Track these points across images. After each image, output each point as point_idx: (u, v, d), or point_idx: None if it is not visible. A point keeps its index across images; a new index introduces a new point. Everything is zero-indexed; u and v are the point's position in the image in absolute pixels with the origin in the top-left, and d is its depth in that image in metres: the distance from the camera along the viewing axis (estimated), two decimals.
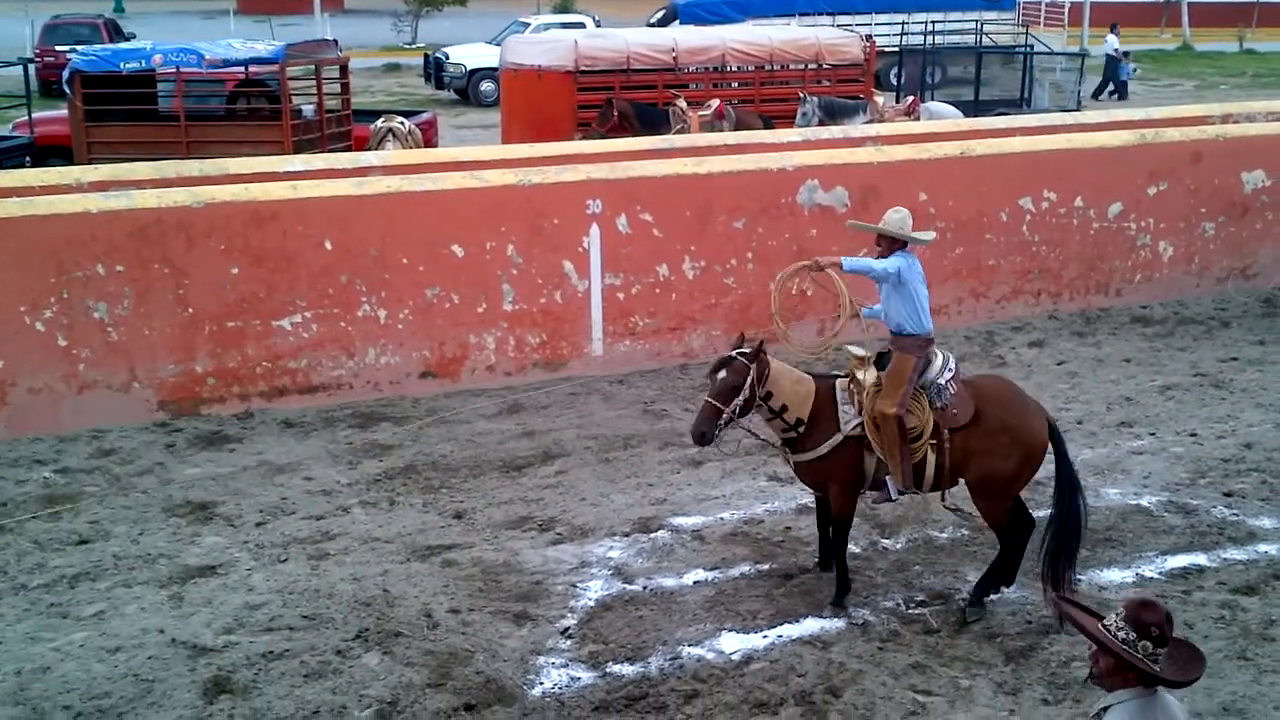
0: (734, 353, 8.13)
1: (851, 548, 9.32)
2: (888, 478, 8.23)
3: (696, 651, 8.01)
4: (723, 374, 8.07)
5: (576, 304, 12.95)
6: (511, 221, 12.71)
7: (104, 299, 11.45)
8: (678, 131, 19.20)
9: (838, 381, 8.35)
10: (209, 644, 8.10)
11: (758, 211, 13.61)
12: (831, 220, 13.80)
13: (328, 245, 12.10)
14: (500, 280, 12.68)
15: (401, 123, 18.74)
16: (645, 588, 8.61)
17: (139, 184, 12.73)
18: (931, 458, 8.20)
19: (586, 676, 7.72)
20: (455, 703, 7.48)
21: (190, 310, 11.72)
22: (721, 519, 9.83)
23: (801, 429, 8.21)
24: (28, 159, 18.72)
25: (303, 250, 12.04)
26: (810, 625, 8.31)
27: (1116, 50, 35.45)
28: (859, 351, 8.40)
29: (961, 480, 8.36)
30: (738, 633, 8.21)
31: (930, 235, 9.00)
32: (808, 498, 10.14)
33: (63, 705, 7.48)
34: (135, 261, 11.53)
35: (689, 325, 13.41)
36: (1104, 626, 4.87)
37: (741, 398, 8.02)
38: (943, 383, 8.21)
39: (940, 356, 8.34)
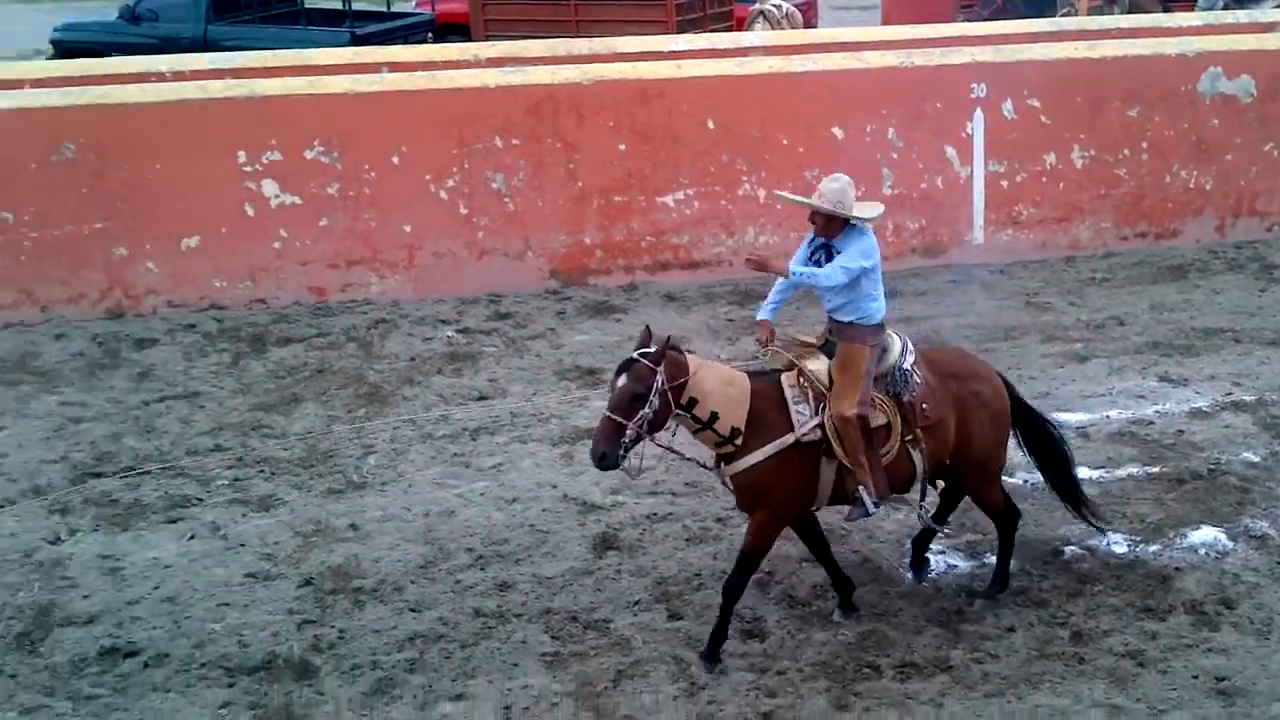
0: (636, 354, 6.53)
1: (1249, 455, 8.92)
2: (861, 489, 6.86)
3: (1079, 550, 7.85)
4: (623, 381, 6.47)
5: (958, 190, 12.68)
6: (892, 104, 12.53)
7: (501, 170, 11.98)
8: (1064, 15, 18.36)
9: (783, 377, 6.91)
10: (597, 502, 8.51)
11: (1155, 100, 12.94)
12: (1235, 112, 13.02)
13: (710, 124, 12.26)
14: (880, 164, 12.54)
15: (778, 5, 18.57)
16: (1025, 481, 8.43)
17: (532, 60, 13.16)
18: (915, 455, 6.98)
19: (964, 565, 7.71)
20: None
21: (580, 184, 12.13)
22: (1107, 417, 9.52)
23: (739, 440, 6.73)
24: (430, 35, 19.62)
25: (686, 129, 12.23)
26: (1203, 534, 7.99)
27: None
28: (805, 338, 7.06)
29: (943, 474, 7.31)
30: (1124, 534, 7.99)
31: (877, 210, 7.21)
32: (1203, 400, 9.75)
33: (466, 547, 8.02)
34: (530, 136, 11.98)
35: (1076, 216, 12.94)
36: None
37: (650, 409, 6.45)
38: (907, 367, 6.90)
39: (897, 339, 6.99)
